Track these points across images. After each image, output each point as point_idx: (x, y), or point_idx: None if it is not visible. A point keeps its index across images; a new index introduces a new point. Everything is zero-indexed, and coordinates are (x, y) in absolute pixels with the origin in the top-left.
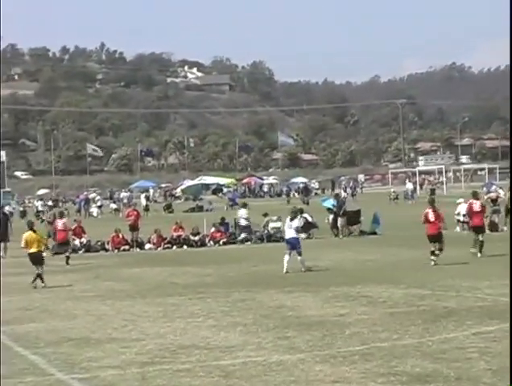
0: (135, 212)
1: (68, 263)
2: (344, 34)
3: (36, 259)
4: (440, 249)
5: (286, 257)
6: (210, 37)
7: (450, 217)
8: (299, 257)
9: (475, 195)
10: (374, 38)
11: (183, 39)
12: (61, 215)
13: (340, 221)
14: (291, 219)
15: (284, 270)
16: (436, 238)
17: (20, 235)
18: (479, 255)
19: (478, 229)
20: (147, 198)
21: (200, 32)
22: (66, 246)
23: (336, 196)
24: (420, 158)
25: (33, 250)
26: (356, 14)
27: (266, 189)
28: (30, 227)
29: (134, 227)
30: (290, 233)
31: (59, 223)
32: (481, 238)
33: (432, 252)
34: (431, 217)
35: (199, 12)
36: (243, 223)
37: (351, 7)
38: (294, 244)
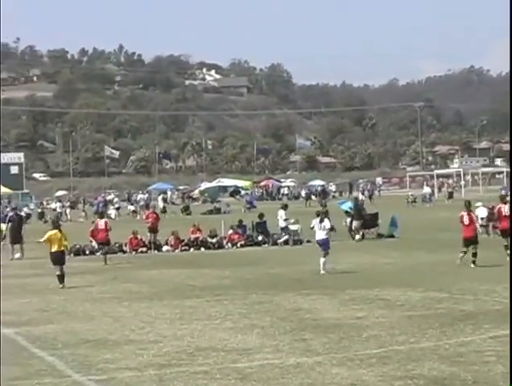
0: (154, 215)
1: (106, 263)
2: (363, 37)
3: (58, 259)
4: (474, 253)
5: (323, 259)
6: (228, 39)
7: None
8: (322, 259)
9: (503, 200)
10: (393, 40)
11: (201, 41)
12: (102, 216)
13: (355, 223)
14: (321, 221)
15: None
16: (472, 241)
17: (37, 236)
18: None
19: (506, 233)
20: (165, 200)
21: (219, 34)
22: (107, 245)
23: (355, 199)
24: (455, 160)
25: (55, 249)
26: (375, 16)
27: (286, 191)
28: (57, 226)
29: (153, 230)
30: (320, 234)
31: (101, 223)
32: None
33: (464, 252)
34: (466, 220)
35: (217, 14)
36: (282, 224)
37: (371, 10)
38: (323, 245)
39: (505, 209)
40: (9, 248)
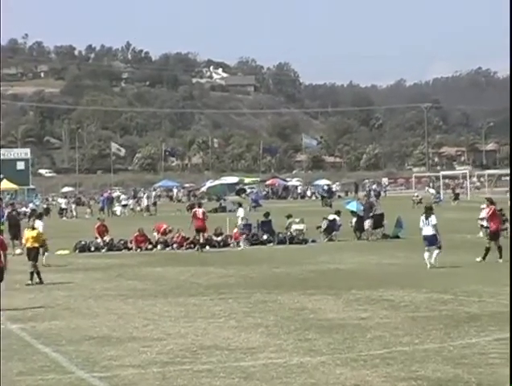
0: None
1: (202, 250)
2: (370, 37)
3: (33, 254)
4: None
5: (427, 254)
6: (236, 38)
7: (473, 222)
8: (437, 251)
9: None
10: (400, 41)
11: (209, 39)
12: (200, 205)
13: (367, 223)
14: (427, 217)
15: (428, 266)
16: None
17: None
18: None
19: None
20: (170, 197)
21: (226, 33)
22: (203, 232)
23: (367, 197)
24: None
25: (28, 245)
26: (383, 16)
27: (299, 190)
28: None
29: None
30: (427, 230)
31: (199, 212)
32: None
33: None
34: None
35: (225, 12)
36: (242, 221)
37: (377, 10)
38: (432, 241)
39: None
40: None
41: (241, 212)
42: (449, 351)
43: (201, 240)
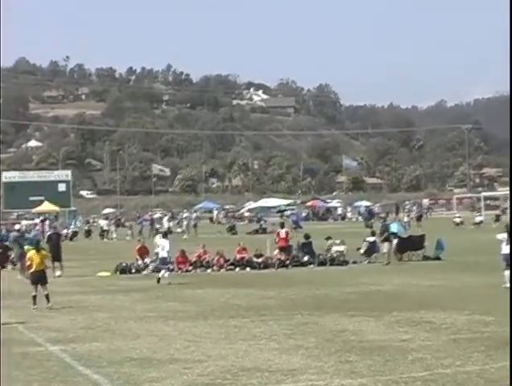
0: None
1: (287, 267)
2: (410, 58)
3: (39, 278)
4: None
5: (507, 273)
6: (276, 59)
7: None
8: (506, 272)
9: None
10: (441, 62)
11: (249, 61)
12: (282, 226)
13: (385, 247)
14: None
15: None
16: None
17: (84, 253)
18: None
19: None
20: (211, 219)
21: (267, 55)
22: (288, 251)
23: (384, 220)
24: None
25: (36, 269)
26: (424, 38)
27: (339, 212)
28: (36, 246)
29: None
30: (507, 249)
31: (282, 232)
32: None
33: None
34: None
35: (265, 35)
36: (162, 254)
37: (419, 32)
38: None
39: None
40: (49, 266)
41: (166, 244)
42: (491, 373)
43: (287, 261)
